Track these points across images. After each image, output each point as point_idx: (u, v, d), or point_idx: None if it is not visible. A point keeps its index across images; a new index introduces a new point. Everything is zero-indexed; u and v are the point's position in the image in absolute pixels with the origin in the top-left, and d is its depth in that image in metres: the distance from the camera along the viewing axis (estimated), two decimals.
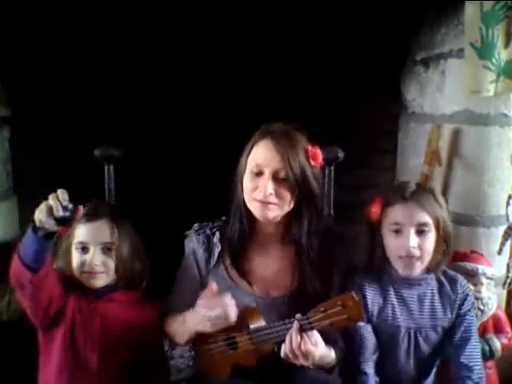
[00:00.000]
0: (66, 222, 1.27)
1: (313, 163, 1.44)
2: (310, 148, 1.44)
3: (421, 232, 1.48)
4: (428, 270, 1.54)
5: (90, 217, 1.52)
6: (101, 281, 1.52)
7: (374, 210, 1.54)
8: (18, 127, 2.29)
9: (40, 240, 1.30)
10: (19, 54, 2.19)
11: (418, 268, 1.51)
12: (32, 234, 1.30)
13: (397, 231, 1.50)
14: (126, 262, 1.54)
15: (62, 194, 1.26)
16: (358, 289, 1.52)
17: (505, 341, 1.79)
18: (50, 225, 1.27)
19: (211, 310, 1.36)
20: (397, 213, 1.50)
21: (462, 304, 1.55)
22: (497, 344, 1.76)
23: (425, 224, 1.48)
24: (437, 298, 1.55)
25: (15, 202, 2.32)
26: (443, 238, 1.51)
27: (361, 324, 1.52)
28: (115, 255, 1.52)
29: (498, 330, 1.80)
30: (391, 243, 1.52)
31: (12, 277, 1.38)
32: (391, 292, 1.55)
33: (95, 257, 1.50)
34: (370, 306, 1.54)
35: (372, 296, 1.55)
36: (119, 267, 1.53)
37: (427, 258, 1.50)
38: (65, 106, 2.29)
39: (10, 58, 2.16)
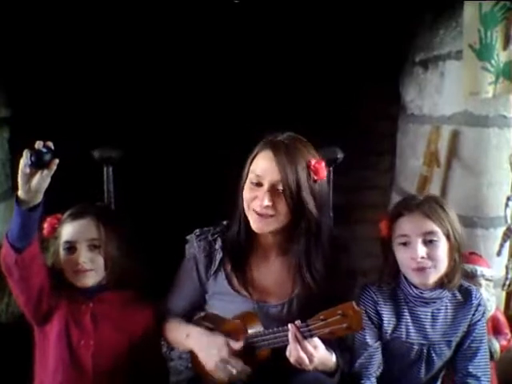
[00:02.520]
0: (41, 163, 1.28)
1: (314, 177, 1.41)
2: (312, 162, 1.41)
3: (429, 242, 1.45)
4: (442, 286, 1.50)
5: (75, 215, 1.53)
6: (90, 279, 1.52)
7: (382, 225, 1.53)
8: (18, 128, 2.29)
9: (23, 212, 1.32)
10: (19, 55, 2.19)
11: (433, 277, 1.47)
12: (16, 206, 1.32)
13: (405, 243, 1.48)
14: (115, 259, 1.53)
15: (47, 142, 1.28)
16: (374, 308, 1.52)
17: (504, 342, 1.78)
18: (28, 165, 1.27)
19: (229, 364, 1.35)
20: (403, 225, 1.48)
21: (474, 314, 1.53)
22: (496, 346, 1.75)
23: (432, 233, 1.45)
24: (450, 313, 1.53)
25: (14, 203, 2.31)
26: (456, 248, 1.48)
27: (370, 343, 1.51)
28: (103, 252, 1.52)
29: (497, 331, 1.80)
30: (401, 256, 1.49)
31: (1, 263, 1.39)
32: (405, 310, 1.53)
33: (82, 254, 1.50)
34: (385, 326, 1.53)
35: (388, 316, 1.53)
36: (108, 265, 1.53)
37: (442, 267, 1.47)
38: (64, 107, 2.30)
39: (10, 59, 2.16)
